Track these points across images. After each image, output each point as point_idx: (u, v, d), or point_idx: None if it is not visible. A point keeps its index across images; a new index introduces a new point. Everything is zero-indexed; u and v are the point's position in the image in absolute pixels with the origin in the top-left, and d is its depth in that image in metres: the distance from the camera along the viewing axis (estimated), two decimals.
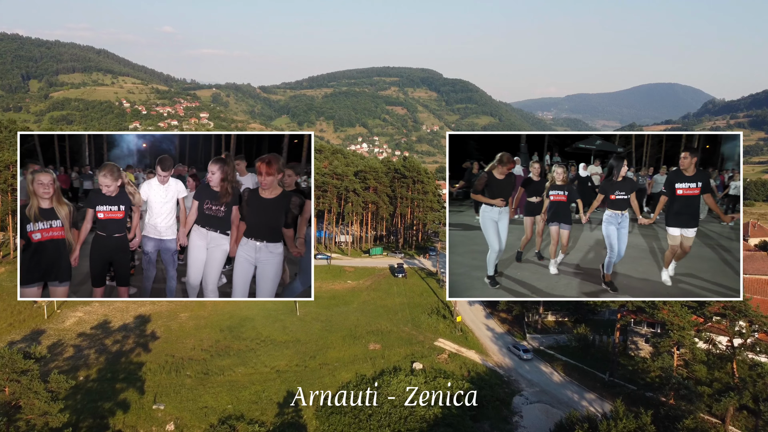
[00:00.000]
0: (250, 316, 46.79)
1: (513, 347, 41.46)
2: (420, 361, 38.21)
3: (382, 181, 71.85)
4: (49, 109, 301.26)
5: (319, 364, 38.14)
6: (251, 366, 37.43)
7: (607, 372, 36.27)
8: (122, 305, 47.93)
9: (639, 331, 39.36)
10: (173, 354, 38.81)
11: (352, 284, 58.41)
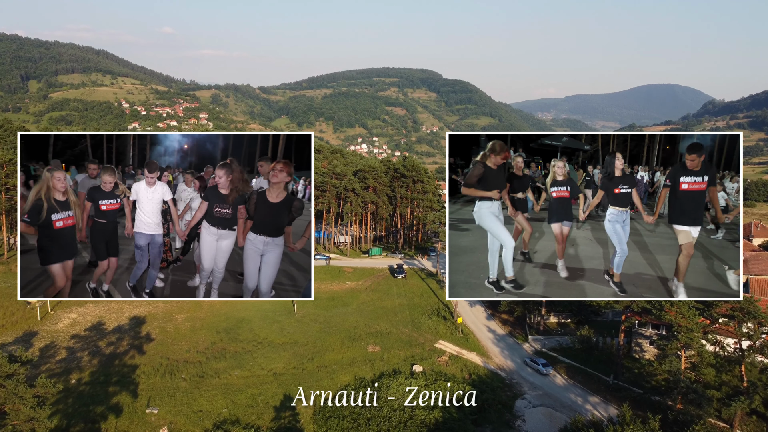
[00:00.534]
0: (247, 317, 45.99)
1: (531, 361, 38.33)
2: (420, 364, 37.42)
3: (381, 181, 71.07)
4: (48, 110, 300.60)
5: (317, 366, 37.35)
6: (247, 369, 36.63)
7: (611, 375, 35.49)
8: (117, 306, 47.14)
9: (643, 333, 38.59)
10: (168, 356, 38.01)
11: (351, 285, 57.62)
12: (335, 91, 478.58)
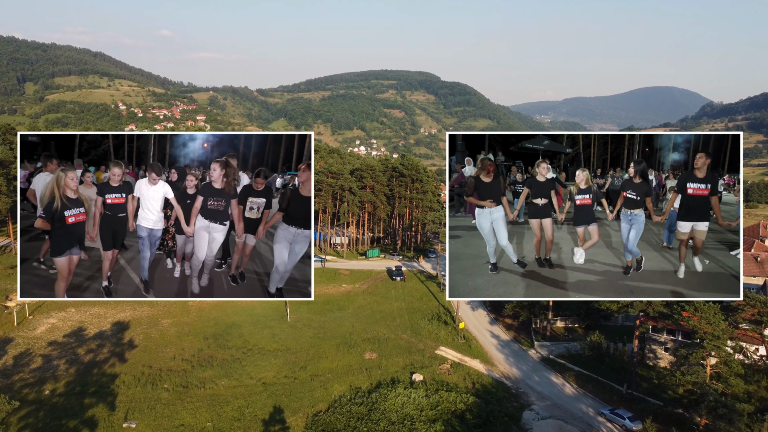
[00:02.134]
0: (237, 322, 43.56)
1: (612, 414, 29.87)
2: (420, 372, 35.04)
3: (379, 180, 68.74)
4: (45, 112, 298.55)
5: (309, 375, 34.93)
6: (235, 378, 34.20)
7: (624, 384, 33.16)
8: (100, 310, 44.68)
9: (657, 339, 36.30)
10: (151, 365, 35.55)
11: (348, 288, 55.25)
12: (333, 94, 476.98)
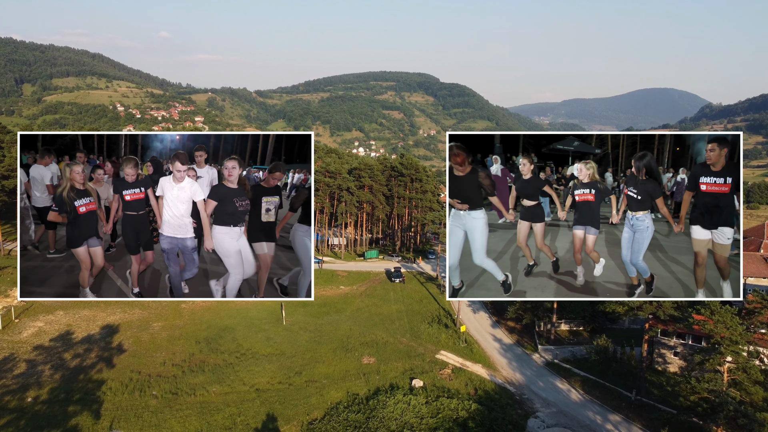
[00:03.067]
0: (231, 325, 42.14)
1: None
2: (420, 378, 33.64)
3: (377, 180, 67.40)
4: (42, 113, 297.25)
5: (305, 381, 33.52)
6: (227, 384, 32.78)
7: (633, 390, 31.80)
8: (90, 314, 43.25)
9: (666, 343, 34.97)
10: (139, 370, 34.12)
11: (345, 290, 53.88)
12: (332, 95, 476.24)
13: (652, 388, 32.38)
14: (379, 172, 68.46)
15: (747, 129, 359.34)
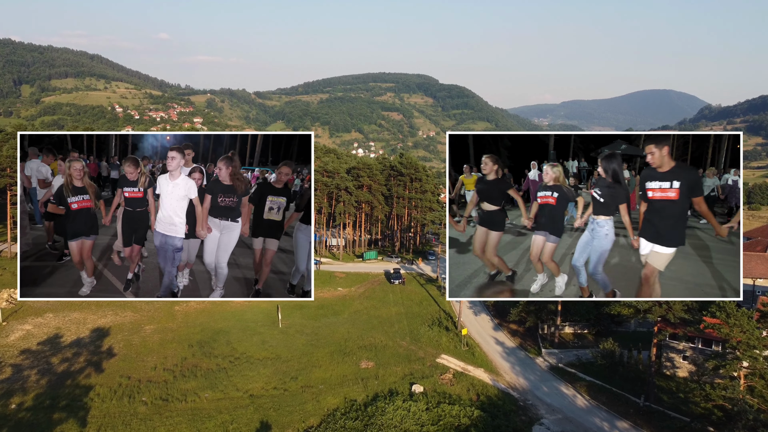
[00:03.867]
0: (225, 328, 40.94)
1: None
2: (420, 383, 32.46)
3: (376, 179, 66.23)
4: (40, 114, 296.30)
5: (301, 386, 32.32)
6: (220, 390, 31.56)
7: (641, 396, 30.65)
8: (80, 316, 42.02)
9: (675, 346, 33.80)
10: (129, 375, 32.90)
11: (343, 291, 52.70)
12: (331, 96, 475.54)
13: (662, 394, 31.23)
14: (378, 171, 67.30)
15: (746, 130, 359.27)
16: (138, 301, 45.60)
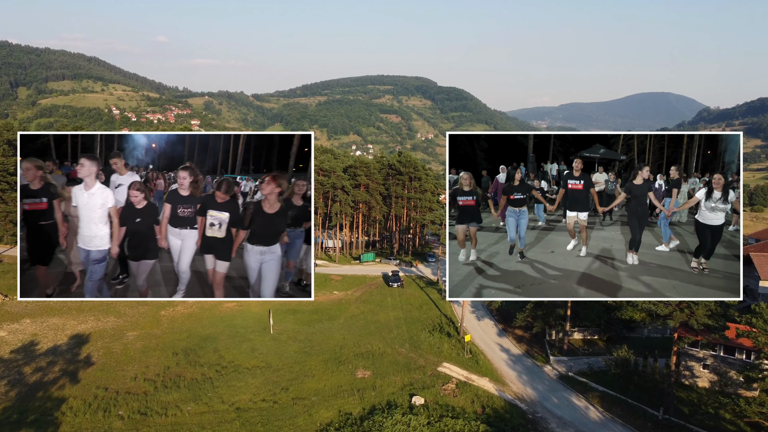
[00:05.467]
0: (213, 334, 38.51)
1: None
2: (421, 394, 30.08)
3: (374, 178, 63.92)
4: (37, 116, 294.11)
5: (292, 398, 29.91)
6: (204, 402, 29.12)
7: (660, 408, 28.29)
8: (59, 322, 39.59)
9: (695, 354, 31.47)
10: (107, 386, 30.46)
11: (339, 295, 50.33)
12: (329, 99, 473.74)
13: (682, 406, 28.91)
14: (376, 170, 64.97)
15: (745, 132, 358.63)
16: (123, 305, 43.26)
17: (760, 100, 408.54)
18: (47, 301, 42.59)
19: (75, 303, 43.03)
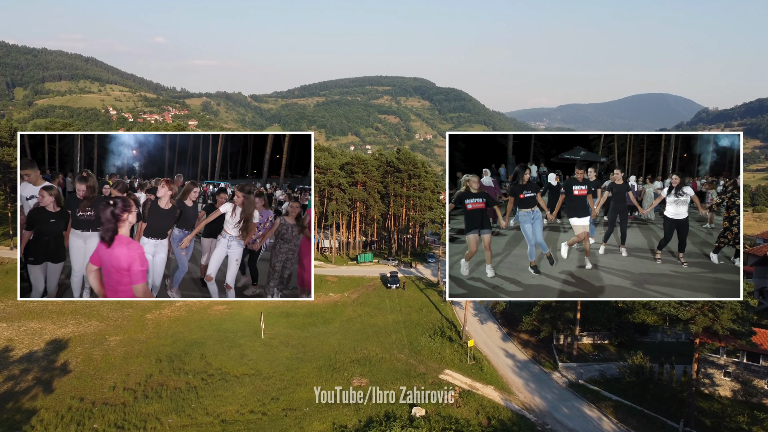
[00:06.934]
0: (200, 339, 36.30)
1: None
2: (421, 405, 27.90)
3: (372, 176, 61.76)
4: (33, 117, 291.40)
5: (282, 409, 27.73)
6: (187, 414, 26.92)
7: (681, 420, 26.18)
8: (37, 326, 37.41)
9: (715, 361, 29.38)
10: (83, 396, 28.26)
11: (335, 297, 48.15)
12: (328, 99, 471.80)
13: (703, 417, 26.81)
14: (374, 167, 62.81)
15: (744, 133, 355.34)
16: (108, 308, 41.06)
17: (758, 101, 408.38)
18: (29, 303, 40.40)
19: (56, 305, 40.85)
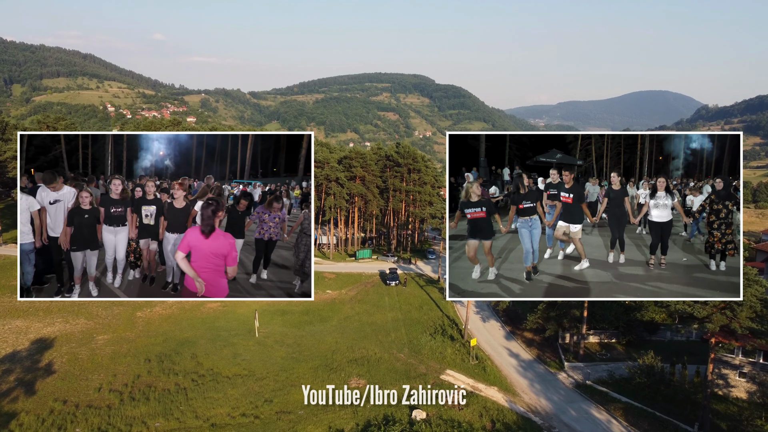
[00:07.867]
0: (192, 338, 34.94)
1: None
2: (422, 407, 26.57)
3: (371, 170, 60.32)
4: (30, 113, 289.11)
5: (276, 412, 26.39)
6: (175, 417, 25.57)
7: (695, 423, 24.90)
8: (22, 324, 36.01)
9: (730, 361, 28.07)
10: (66, 398, 26.88)
11: (332, 294, 46.78)
12: (327, 96, 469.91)
13: (719, 420, 25.52)
14: (373, 162, 61.36)
15: (744, 130, 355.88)
16: (97, 306, 39.69)
17: (758, 98, 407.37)
18: (14, 300, 39.05)
19: (43, 304, 39.43)
